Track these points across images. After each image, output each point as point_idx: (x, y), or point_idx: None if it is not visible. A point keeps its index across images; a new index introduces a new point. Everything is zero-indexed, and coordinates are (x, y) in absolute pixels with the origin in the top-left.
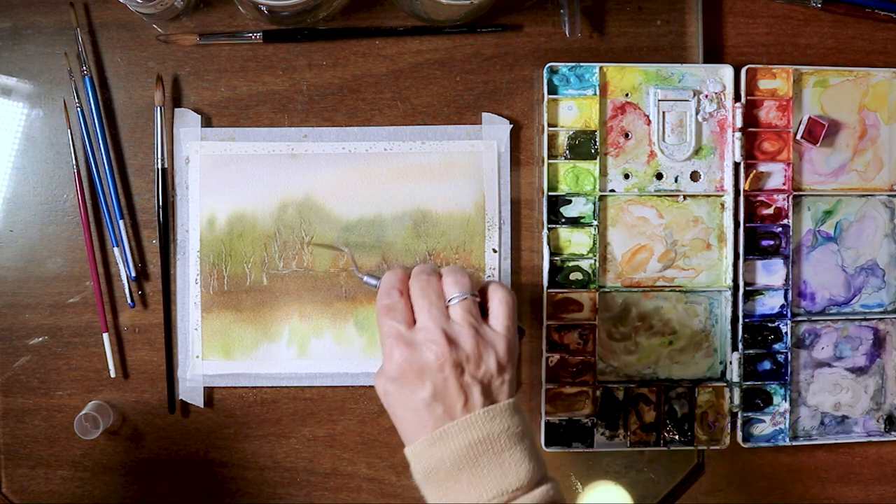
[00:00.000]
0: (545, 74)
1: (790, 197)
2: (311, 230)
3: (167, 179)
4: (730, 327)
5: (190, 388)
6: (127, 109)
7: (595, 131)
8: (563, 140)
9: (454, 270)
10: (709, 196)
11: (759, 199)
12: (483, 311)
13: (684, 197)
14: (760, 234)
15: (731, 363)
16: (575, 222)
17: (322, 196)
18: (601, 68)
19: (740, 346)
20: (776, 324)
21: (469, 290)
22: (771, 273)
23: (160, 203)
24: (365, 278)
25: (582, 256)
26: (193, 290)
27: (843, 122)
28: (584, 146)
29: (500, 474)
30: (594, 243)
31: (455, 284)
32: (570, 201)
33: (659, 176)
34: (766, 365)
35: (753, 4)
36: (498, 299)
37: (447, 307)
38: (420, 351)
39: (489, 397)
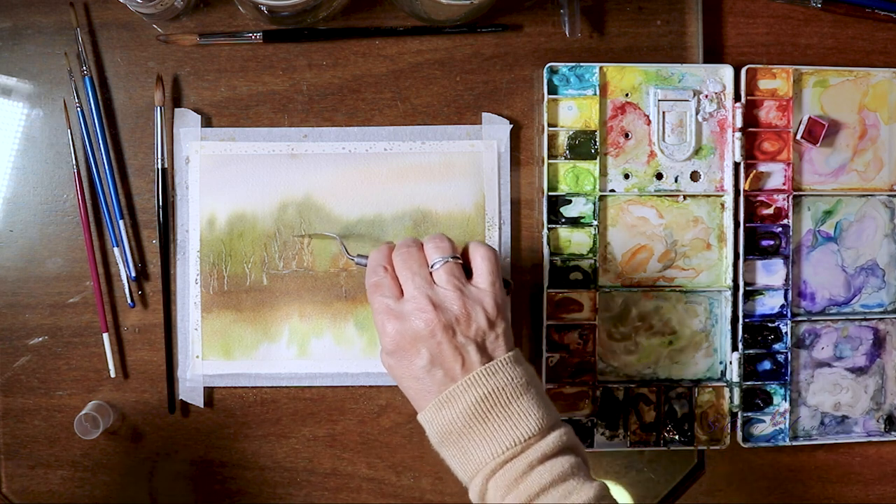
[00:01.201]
0: (545, 74)
1: (790, 197)
2: (311, 230)
3: (167, 179)
4: (730, 327)
5: (190, 388)
6: (127, 109)
7: (595, 131)
8: (563, 140)
9: (434, 237)
10: (709, 196)
11: (759, 199)
12: (468, 272)
13: (684, 197)
14: (760, 234)
15: (731, 363)
16: (575, 222)
17: (322, 196)
18: (601, 68)
19: (740, 346)
20: (776, 324)
21: (450, 254)
22: (771, 273)
23: (160, 203)
24: (356, 259)
25: (582, 256)
26: (193, 290)
27: (843, 122)
28: (584, 146)
29: (511, 425)
30: (594, 243)
31: (436, 250)
32: (570, 201)
33: (659, 176)
34: (766, 365)
35: (753, 4)
36: (480, 256)
37: (431, 274)
38: (410, 321)
39: (486, 354)
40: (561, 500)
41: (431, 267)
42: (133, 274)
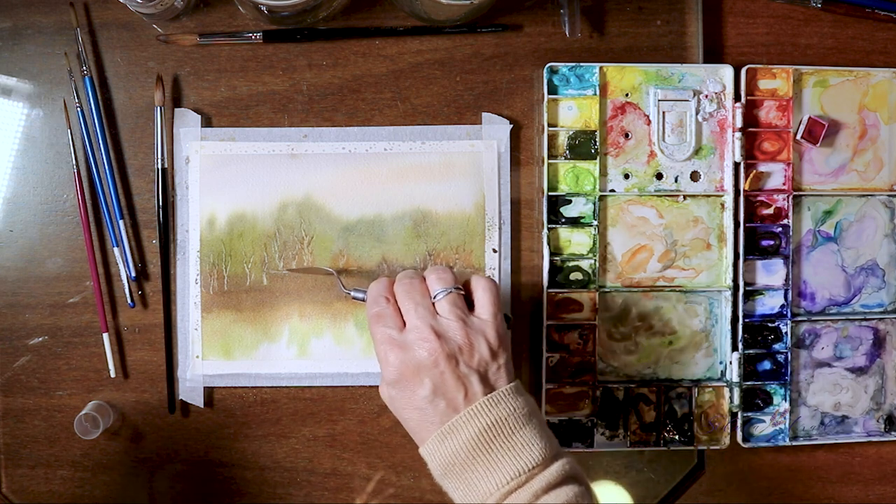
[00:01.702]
0: (545, 74)
1: (790, 197)
2: (311, 230)
3: (167, 179)
4: (730, 327)
5: (190, 388)
6: (127, 109)
7: (595, 131)
8: (563, 140)
9: (436, 269)
10: (709, 196)
11: (759, 199)
12: (470, 304)
13: (684, 197)
14: (760, 234)
15: (730, 363)
16: (575, 222)
17: (322, 196)
18: (601, 68)
19: (740, 346)
20: (776, 324)
21: (452, 285)
22: (771, 273)
23: (160, 203)
24: (352, 293)
25: (582, 256)
26: (193, 290)
27: (843, 122)
28: (584, 146)
29: (515, 456)
30: (594, 243)
31: (438, 281)
32: (570, 201)
33: (659, 176)
34: (766, 365)
35: (753, 4)
36: (482, 288)
37: (433, 304)
38: (413, 351)
39: (488, 385)
40: None
41: (434, 298)
42: (133, 274)
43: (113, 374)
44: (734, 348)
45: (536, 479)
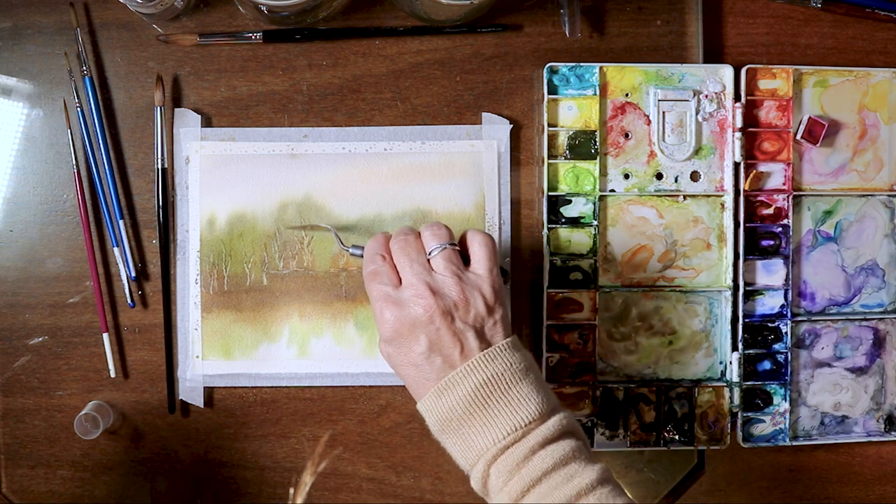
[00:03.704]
0: (545, 74)
1: (790, 197)
2: (311, 230)
3: (167, 179)
4: (730, 327)
5: (190, 388)
6: (127, 109)
7: (595, 131)
8: (563, 140)
9: (431, 225)
10: (709, 196)
11: (759, 199)
12: (466, 259)
13: (684, 197)
14: (760, 234)
15: (730, 363)
16: (575, 222)
17: (322, 196)
18: (601, 68)
19: (740, 346)
20: (776, 324)
21: (448, 241)
22: (771, 273)
23: (160, 203)
24: (351, 249)
25: (582, 256)
26: (193, 290)
27: (843, 122)
28: (584, 146)
29: (511, 410)
30: (594, 243)
31: (433, 237)
32: (570, 201)
33: (659, 176)
34: (766, 365)
35: (753, 4)
36: (478, 243)
37: (429, 261)
38: (408, 307)
39: (484, 340)
40: (563, 483)
41: (429, 254)
42: (133, 274)
43: (113, 374)
44: (734, 348)
45: (533, 433)
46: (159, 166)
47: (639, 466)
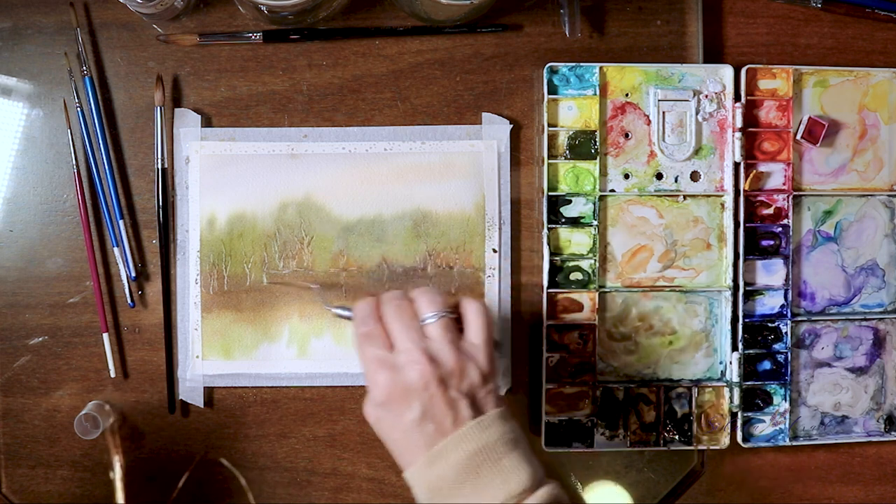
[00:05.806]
0: (545, 74)
1: (790, 197)
2: (311, 230)
3: (167, 179)
4: (730, 327)
5: (190, 388)
6: (127, 109)
7: (595, 131)
8: (563, 140)
9: (425, 291)
10: (709, 196)
11: (759, 199)
12: (460, 327)
13: (684, 197)
14: (760, 234)
15: (730, 363)
16: (575, 222)
17: (322, 196)
18: (601, 68)
19: (740, 346)
20: (776, 324)
21: (443, 309)
22: (771, 273)
23: (160, 203)
24: (335, 310)
25: (582, 256)
26: (193, 290)
27: (843, 122)
28: (584, 146)
29: (503, 480)
30: (594, 243)
31: (430, 304)
32: (570, 201)
33: (659, 176)
34: (766, 365)
35: (753, 4)
36: (473, 312)
37: (423, 328)
38: (403, 372)
39: (477, 409)
40: None
41: (424, 321)
42: (133, 274)
43: (113, 374)
44: (734, 348)
45: (524, 503)
46: (159, 166)
47: (639, 466)
